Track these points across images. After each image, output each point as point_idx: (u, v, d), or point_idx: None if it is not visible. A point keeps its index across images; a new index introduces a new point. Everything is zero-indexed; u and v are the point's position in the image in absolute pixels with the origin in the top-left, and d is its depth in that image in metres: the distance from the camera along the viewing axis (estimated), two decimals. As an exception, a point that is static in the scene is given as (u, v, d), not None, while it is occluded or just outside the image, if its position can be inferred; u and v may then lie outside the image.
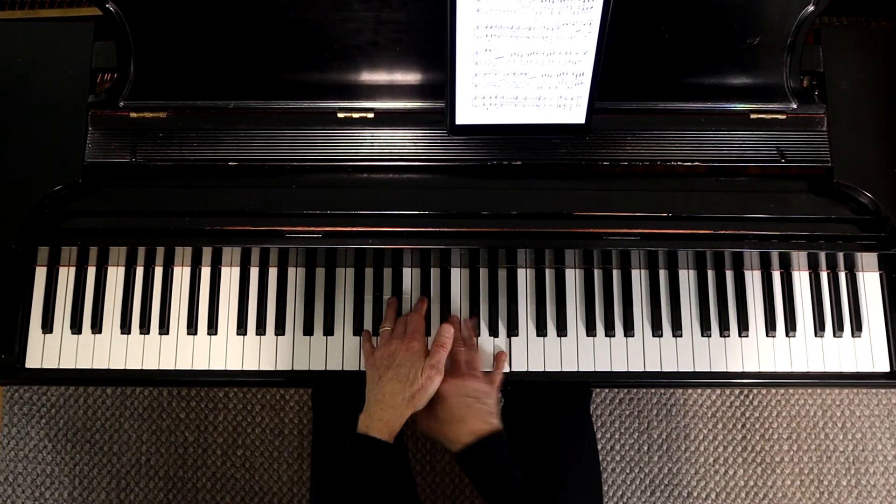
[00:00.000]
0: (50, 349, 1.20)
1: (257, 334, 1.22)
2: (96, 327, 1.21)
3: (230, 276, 1.24)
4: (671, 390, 1.81)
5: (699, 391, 1.82)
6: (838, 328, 1.23)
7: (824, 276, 1.24)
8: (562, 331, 1.22)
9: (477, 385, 1.13)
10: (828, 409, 1.81)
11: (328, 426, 1.31)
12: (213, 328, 1.22)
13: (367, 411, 1.09)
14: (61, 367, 1.20)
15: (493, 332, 1.22)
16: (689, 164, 1.12)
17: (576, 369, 1.21)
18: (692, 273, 1.24)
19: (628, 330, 1.22)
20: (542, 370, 1.21)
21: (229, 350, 1.21)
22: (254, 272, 1.24)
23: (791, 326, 1.23)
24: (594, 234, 1.12)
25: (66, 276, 1.22)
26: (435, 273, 1.24)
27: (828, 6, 1.08)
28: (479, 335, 1.21)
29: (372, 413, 1.08)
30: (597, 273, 1.24)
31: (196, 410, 1.80)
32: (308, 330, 1.21)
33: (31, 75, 1.12)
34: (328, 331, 1.21)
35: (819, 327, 1.23)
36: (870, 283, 1.24)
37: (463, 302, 1.23)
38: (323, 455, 1.28)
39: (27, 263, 1.21)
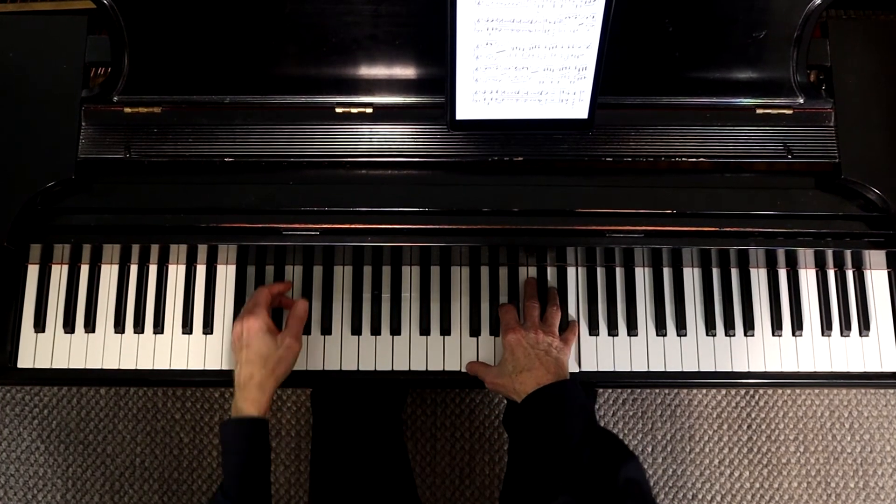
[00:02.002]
0: (42, 349, 1.21)
1: (254, 333, 1.22)
2: (90, 326, 1.21)
3: (226, 275, 1.24)
4: (675, 391, 1.81)
5: (704, 391, 1.82)
6: (846, 327, 1.23)
7: (831, 274, 1.25)
8: (564, 330, 1.22)
9: (549, 339, 1.14)
10: (835, 409, 1.82)
11: (328, 427, 1.31)
12: (208, 327, 1.22)
13: (234, 399, 1.10)
14: (54, 366, 1.20)
15: (494, 332, 1.22)
16: (694, 160, 1.13)
17: (578, 369, 1.21)
18: (697, 271, 1.24)
19: (632, 329, 1.22)
20: (544, 370, 1.21)
21: (225, 350, 1.22)
22: (250, 270, 1.24)
23: (797, 325, 1.23)
24: (597, 232, 1.13)
25: (59, 274, 1.22)
26: (435, 271, 1.24)
27: (835, -1, 1.09)
28: (480, 334, 1.22)
29: (238, 399, 1.09)
30: (599, 271, 1.24)
31: (191, 411, 1.80)
32: (305, 329, 1.21)
33: (24, 70, 1.12)
34: (326, 330, 1.22)
35: (826, 326, 1.23)
36: (878, 282, 1.24)
37: (464, 300, 1.23)
38: (322, 457, 1.29)
39: (19, 261, 1.21)
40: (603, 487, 0.96)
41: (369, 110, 1.12)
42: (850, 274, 1.25)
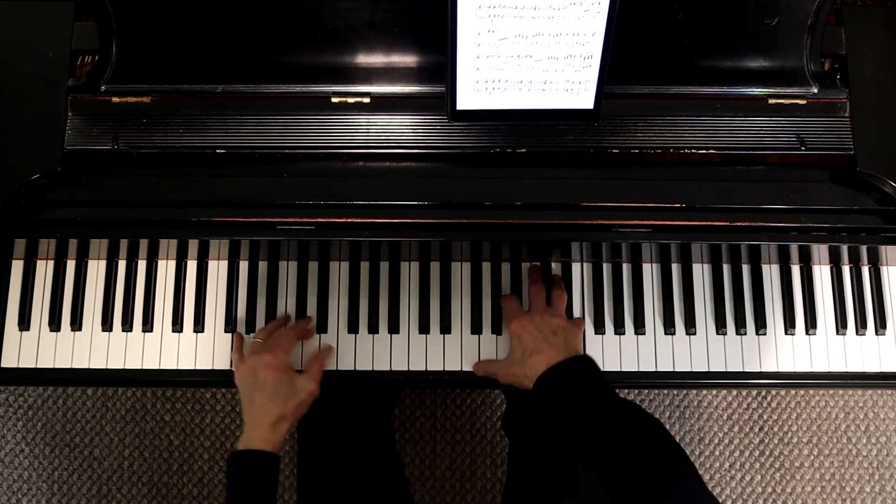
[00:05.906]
0: (27, 347, 1.21)
1: (247, 332, 1.22)
2: (76, 324, 1.22)
3: (218, 271, 1.24)
4: (685, 391, 1.82)
5: (714, 392, 1.82)
6: (861, 326, 1.23)
7: (846, 270, 1.25)
8: (569, 328, 1.22)
9: (558, 321, 1.14)
10: (850, 411, 1.82)
11: (316, 428, 1.31)
12: (199, 325, 1.22)
13: (246, 434, 1.10)
14: (39, 366, 1.21)
15: (496, 330, 1.22)
16: (704, 151, 1.13)
17: (583, 369, 1.21)
18: (706, 267, 1.25)
19: (639, 327, 1.23)
20: (548, 370, 1.21)
21: (217, 349, 1.22)
22: (243, 266, 1.24)
23: (811, 324, 1.23)
24: (603, 226, 1.13)
25: (44, 270, 1.23)
26: (435, 267, 1.24)
27: (851, -15, 1.09)
28: (481, 332, 1.22)
29: (253, 435, 1.09)
30: (606, 267, 1.24)
31: (182, 413, 1.81)
32: (300, 327, 1.22)
33: (7, 58, 1.12)
34: (321, 328, 1.22)
35: (841, 325, 1.23)
36: (895, 279, 1.25)
37: (465, 297, 1.23)
38: (309, 459, 1.29)
39: (3, 257, 1.21)
40: (623, 487, 0.93)
41: (366, 100, 1.12)
42: (865, 270, 1.25)
